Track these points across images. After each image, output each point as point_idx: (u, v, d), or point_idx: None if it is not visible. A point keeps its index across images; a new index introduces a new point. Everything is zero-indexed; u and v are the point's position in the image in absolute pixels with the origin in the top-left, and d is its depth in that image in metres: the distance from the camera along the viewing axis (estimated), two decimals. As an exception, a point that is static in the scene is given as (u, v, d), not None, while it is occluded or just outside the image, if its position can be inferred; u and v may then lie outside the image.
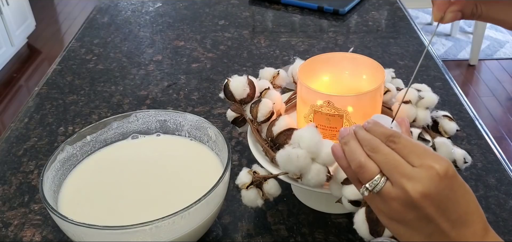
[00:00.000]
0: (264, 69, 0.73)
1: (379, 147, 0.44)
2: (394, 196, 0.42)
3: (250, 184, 0.59)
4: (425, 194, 0.41)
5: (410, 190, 0.41)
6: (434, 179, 0.41)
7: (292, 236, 0.64)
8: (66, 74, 1.04)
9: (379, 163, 0.43)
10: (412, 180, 0.41)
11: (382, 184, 0.43)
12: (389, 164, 0.43)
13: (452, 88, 0.95)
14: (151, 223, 0.50)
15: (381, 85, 0.62)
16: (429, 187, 0.41)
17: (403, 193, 0.42)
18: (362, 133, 0.45)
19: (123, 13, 1.32)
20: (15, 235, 0.65)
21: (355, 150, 0.45)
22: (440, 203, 0.41)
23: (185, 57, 1.09)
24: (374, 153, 0.44)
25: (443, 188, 0.41)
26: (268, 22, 1.26)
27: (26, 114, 0.91)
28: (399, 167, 0.42)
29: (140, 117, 0.70)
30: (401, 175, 0.42)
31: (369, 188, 0.44)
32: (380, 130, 0.45)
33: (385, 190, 0.43)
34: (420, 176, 0.41)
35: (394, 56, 1.07)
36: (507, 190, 0.70)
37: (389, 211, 0.44)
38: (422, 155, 0.42)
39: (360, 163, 0.44)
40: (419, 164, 0.42)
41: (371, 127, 0.46)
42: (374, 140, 0.44)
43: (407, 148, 0.43)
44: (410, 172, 0.41)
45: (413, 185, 0.41)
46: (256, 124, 0.65)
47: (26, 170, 0.77)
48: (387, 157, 0.43)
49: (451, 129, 0.64)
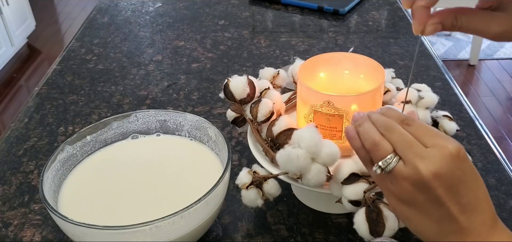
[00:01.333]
0: (264, 69, 0.73)
1: (394, 127, 0.44)
2: (406, 176, 0.42)
3: (250, 184, 0.59)
4: (437, 173, 0.41)
5: (422, 169, 0.41)
6: (446, 158, 0.41)
7: (292, 236, 0.64)
8: (66, 74, 1.04)
9: (393, 142, 0.44)
10: (425, 159, 0.41)
11: (395, 163, 0.43)
12: (403, 143, 0.43)
13: (452, 88, 0.95)
14: (151, 223, 0.50)
15: (381, 85, 0.62)
16: (441, 166, 0.41)
17: (415, 173, 0.42)
18: (376, 115, 0.46)
19: (123, 13, 1.32)
20: (15, 235, 0.65)
21: (370, 129, 0.45)
22: (451, 184, 0.41)
23: (185, 57, 1.09)
24: (388, 133, 0.44)
25: (455, 168, 0.41)
26: (268, 22, 1.26)
27: (26, 114, 0.91)
28: (413, 146, 0.42)
29: (140, 117, 0.70)
30: (414, 155, 0.42)
31: (382, 167, 0.44)
32: (394, 114, 0.45)
33: (398, 169, 0.43)
34: (432, 156, 0.41)
35: (394, 56, 1.07)
36: (507, 190, 0.70)
37: (400, 191, 0.44)
38: (435, 136, 0.42)
39: (374, 141, 0.44)
40: (432, 144, 0.42)
41: (385, 111, 0.46)
42: (388, 121, 0.45)
43: (421, 129, 0.43)
44: (423, 151, 0.42)
45: (425, 164, 0.41)
46: (256, 124, 0.65)
47: (26, 170, 0.77)
48: (402, 136, 0.43)
49: (451, 129, 0.64)
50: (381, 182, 0.46)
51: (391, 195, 0.45)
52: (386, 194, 0.46)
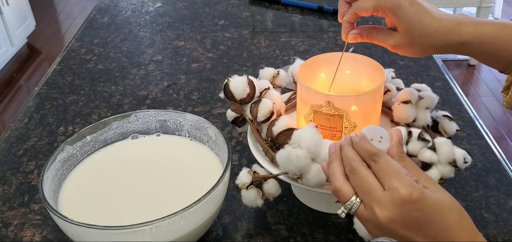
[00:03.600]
0: (264, 69, 0.73)
1: (357, 169, 0.46)
2: (367, 218, 0.45)
3: (250, 184, 0.59)
4: (391, 218, 0.43)
5: (378, 215, 0.43)
6: (398, 203, 0.43)
7: (292, 236, 0.64)
8: (66, 74, 1.04)
9: (355, 185, 0.46)
10: (380, 204, 0.43)
11: (356, 206, 0.46)
12: (363, 187, 0.45)
13: (452, 88, 0.95)
14: (151, 223, 0.50)
15: (381, 85, 0.62)
16: (394, 211, 0.43)
17: (373, 217, 0.44)
18: (347, 150, 0.48)
19: (123, 13, 1.32)
20: (15, 235, 0.65)
21: (334, 172, 0.48)
22: (410, 225, 0.43)
23: (185, 57, 1.09)
24: (352, 174, 0.47)
25: (410, 211, 0.42)
26: (268, 22, 1.26)
27: (26, 114, 0.91)
28: (371, 191, 0.44)
29: (140, 117, 0.70)
30: (372, 199, 0.44)
31: (345, 210, 0.47)
32: (365, 147, 0.47)
33: (359, 212, 0.46)
34: (386, 201, 0.43)
35: (394, 56, 1.07)
36: (507, 190, 0.70)
37: (368, 230, 0.46)
38: (392, 177, 0.44)
39: (335, 187, 0.47)
40: (387, 187, 0.44)
41: (357, 141, 0.48)
42: (354, 161, 0.47)
43: (383, 169, 0.45)
44: (379, 196, 0.44)
45: (380, 210, 0.43)
46: (256, 124, 0.65)
47: (26, 170, 0.77)
48: (362, 180, 0.45)
49: (451, 129, 0.64)
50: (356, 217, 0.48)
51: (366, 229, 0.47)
52: None
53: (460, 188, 0.71)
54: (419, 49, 0.58)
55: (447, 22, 0.57)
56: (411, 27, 0.57)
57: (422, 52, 0.59)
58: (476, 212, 0.67)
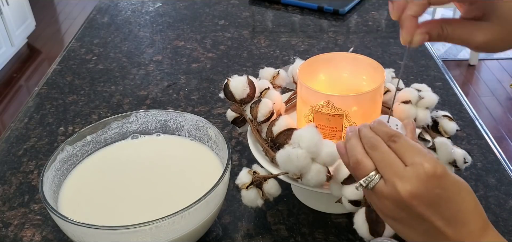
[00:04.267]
0: (264, 69, 0.73)
1: (378, 145, 0.45)
2: (386, 194, 0.43)
3: (250, 184, 0.59)
4: (414, 193, 0.42)
5: (400, 189, 0.42)
6: (422, 177, 0.41)
7: (292, 236, 0.64)
8: (66, 74, 1.04)
9: (376, 160, 0.45)
10: (402, 179, 0.42)
11: (376, 181, 0.44)
12: (384, 162, 0.44)
13: (452, 88, 0.95)
14: (151, 223, 0.50)
15: (381, 85, 0.62)
16: (418, 186, 0.41)
17: (394, 192, 0.42)
18: (365, 130, 0.47)
19: (123, 13, 1.32)
20: (15, 235, 0.65)
21: (355, 146, 0.46)
22: (431, 202, 0.42)
23: (185, 57, 1.09)
24: (372, 151, 0.45)
25: (433, 187, 0.41)
26: (268, 22, 1.26)
27: (26, 114, 0.91)
28: (393, 166, 0.43)
29: (140, 117, 0.70)
30: (393, 174, 0.43)
31: (363, 184, 0.45)
32: (383, 129, 0.46)
33: (378, 188, 0.44)
34: (409, 176, 0.42)
35: (394, 56, 1.07)
36: (507, 190, 0.70)
37: (383, 208, 0.45)
38: (415, 154, 0.43)
39: (357, 159, 0.45)
40: (410, 163, 0.42)
41: (375, 125, 0.47)
42: (374, 138, 0.45)
43: (404, 147, 0.44)
44: (402, 171, 0.42)
45: (402, 184, 0.42)
46: (256, 124, 0.65)
47: (26, 170, 0.77)
48: (384, 155, 0.44)
49: (451, 129, 0.64)
50: (368, 197, 0.47)
51: (378, 210, 0.46)
52: (375, 208, 0.47)
53: (460, 188, 0.71)
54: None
55: None
56: None
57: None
58: (476, 212, 0.67)
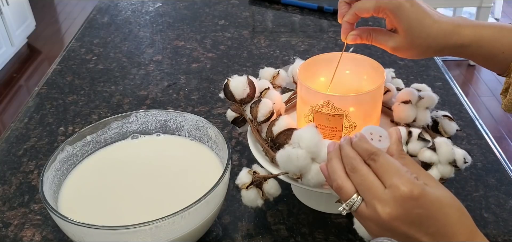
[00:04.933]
0: (264, 69, 0.73)
1: (358, 167, 0.46)
2: (368, 216, 0.45)
3: (250, 184, 0.59)
4: (393, 216, 0.43)
5: (380, 212, 0.43)
6: (399, 200, 0.43)
7: (292, 236, 0.64)
8: (66, 74, 1.04)
9: (356, 184, 0.46)
10: (382, 202, 0.43)
11: (357, 204, 0.46)
12: (363, 185, 0.45)
13: (452, 88, 0.95)
14: (151, 223, 0.50)
15: (381, 85, 0.62)
16: (396, 209, 0.43)
17: (375, 214, 0.44)
18: (346, 149, 0.48)
19: (123, 13, 1.32)
20: (15, 235, 0.65)
21: (336, 170, 0.48)
22: (412, 221, 0.43)
23: (185, 57, 1.09)
24: (352, 173, 0.47)
25: (411, 207, 0.43)
26: (268, 22, 1.26)
27: (26, 114, 0.91)
28: (372, 189, 0.45)
29: (140, 117, 0.70)
30: (373, 197, 0.44)
31: (346, 208, 0.46)
32: (363, 147, 0.47)
33: (360, 210, 0.46)
34: (387, 198, 0.43)
35: (394, 56, 1.07)
36: (507, 190, 0.70)
37: (368, 228, 0.46)
38: (393, 175, 0.44)
39: (337, 185, 0.47)
40: (388, 185, 0.44)
41: (356, 141, 0.48)
42: (354, 160, 0.47)
43: (383, 167, 0.45)
44: (381, 194, 0.44)
45: (382, 207, 0.43)
46: (256, 124, 0.65)
47: (26, 170, 0.77)
48: (363, 178, 0.45)
49: (451, 129, 0.64)
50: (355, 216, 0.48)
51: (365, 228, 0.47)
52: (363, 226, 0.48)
53: (460, 188, 0.71)
54: (419, 51, 0.59)
55: (447, 24, 0.57)
56: (411, 29, 0.57)
57: (421, 54, 0.59)
58: (476, 212, 0.67)
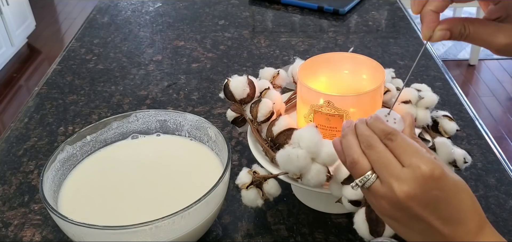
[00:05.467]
0: (264, 69, 0.73)
1: (374, 144, 0.44)
2: (382, 194, 0.43)
3: (250, 184, 0.59)
4: (410, 195, 0.41)
5: (396, 190, 0.42)
6: (419, 180, 0.41)
7: (292, 236, 0.64)
8: (66, 74, 1.04)
9: (372, 160, 0.44)
10: (399, 180, 0.42)
11: (372, 181, 0.44)
12: (380, 162, 0.43)
13: (452, 88, 0.95)
14: (151, 223, 0.50)
15: (381, 85, 0.62)
16: (414, 188, 0.41)
17: (390, 193, 0.42)
18: (362, 128, 0.46)
19: (123, 13, 1.32)
20: (15, 235, 0.65)
21: (351, 145, 0.45)
22: (428, 202, 0.42)
23: (185, 57, 1.09)
24: (368, 150, 0.44)
25: (430, 188, 0.41)
26: (268, 22, 1.26)
27: (26, 114, 0.91)
28: (389, 166, 0.43)
29: (140, 117, 0.70)
30: (390, 174, 0.42)
31: (359, 184, 0.44)
32: (380, 127, 0.45)
33: (374, 188, 0.44)
34: (406, 177, 0.42)
35: (394, 56, 1.07)
36: (507, 190, 0.70)
37: (380, 208, 0.44)
38: (413, 155, 0.42)
39: (353, 159, 0.45)
40: (408, 164, 0.42)
41: (372, 122, 0.46)
42: (371, 137, 0.45)
43: (401, 147, 0.43)
44: (398, 172, 0.42)
45: (399, 185, 0.42)
46: (256, 124, 0.65)
47: (26, 170, 0.77)
48: (380, 155, 0.43)
49: (451, 129, 0.64)
50: (366, 196, 0.47)
51: (375, 209, 0.46)
52: (372, 207, 0.47)
53: (460, 188, 0.70)
54: None
55: None
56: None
57: None
58: (476, 212, 0.67)
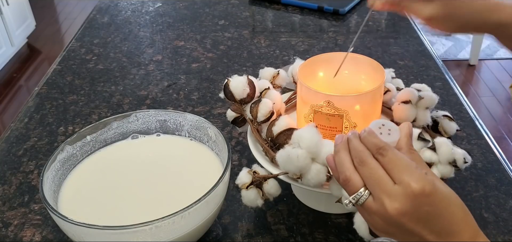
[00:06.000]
0: (264, 69, 0.73)
1: (367, 160, 0.45)
2: (375, 211, 0.44)
3: (250, 184, 0.59)
4: (402, 212, 0.42)
5: (388, 207, 0.42)
6: (410, 197, 0.42)
7: (292, 236, 0.64)
8: (66, 74, 1.04)
9: (364, 177, 0.45)
10: (390, 197, 0.43)
11: (365, 198, 0.45)
12: (372, 179, 0.44)
13: (452, 88, 0.95)
14: (151, 223, 0.50)
15: (381, 85, 0.62)
16: (405, 205, 0.42)
17: (382, 209, 0.43)
18: (355, 143, 0.47)
19: (123, 13, 1.32)
20: (15, 235, 0.65)
21: (344, 162, 0.47)
22: (420, 218, 0.42)
23: (185, 57, 1.09)
24: (361, 166, 0.45)
25: (421, 204, 0.42)
26: (268, 22, 1.26)
27: (26, 114, 0.91)
28: (381, 183, 0.44)
29: (140, 117, 0.70)
30: (382, 191, 0.43)
31: (353, 201, 0.45)
32: (372, 141, 0.46)
33: (367, 204, 0.45)
34: (397, 194, 0.42)
35: (394, 56, 1.07)
36: (507, 190, 0.70)
37: (374, 223, 0.45)
38: (403, 171, 0.43)
39: (346, 176, 0.46)
40: (398, 181, 0.43)
41: (365, 136, 0.47)
42: (363, 153, 0.46)
43: (392, 162, 0.44)
44: (390, 189, 0.43)
45: (390, 202, 0.42)
46: (256, 124, 0.65)
47: (26, 170, 0.77)
48: (372, 171, 0.44)
49: (451, 129, 0.64)
50: (359, 212, 0.47)
51: (369, 224, 0.47)
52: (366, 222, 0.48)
53: (460, 188, 0.71)
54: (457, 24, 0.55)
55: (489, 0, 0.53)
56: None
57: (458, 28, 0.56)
58: (476, 212, 0.67)
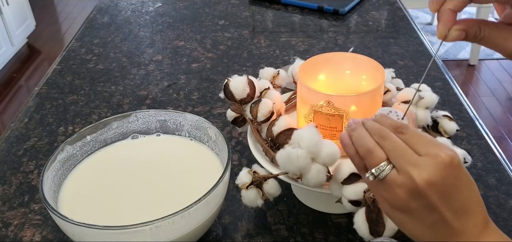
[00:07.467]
0: (264, 69, 0.73)
1: (388, 135, 0.44)
2: (400, 183, 0.43)
3: (250, 184, 0.59)
4: (430, 181, 0.41)
5: (416, 177, 0.41)
6: (440, 166, 0.41)
7: (292, 236, 0.64)
8: (66, 74, 1.04)
9: (387, 150, 0.44)
10: (418, 167, 0.42)
11: (388, 171, 0.43)
12: (396, 151, 0.43)
13: (452, 88, 0.95)
14: (151, 223, 0.50)
15: (381, 85, 0.62)
16: (435, 174, 0.41)
17: (409, 180, 0.42)
18: (370, 122, 0.46)
19: (123, 13, 1.32)
20: (15, 235, 0.65)
21: (364, 136, 0.45)
22: (444, 191, 0.42)
23: (185, 57, 1.09)
24: (382, 140, 0.44)
25: (448, 176, 0.41)
26: (268, 22, 1.26)
27: (26, 114, 0.91)
28: (406, 154, 0.43)
29: (140, 117, 0.70)
30: (408, 163, 0.42)
31: (375, 174, 0.44)
32: (388, 122, 0.45)
33: (390, 177, 0.43)
34: (426, 164, 0.41)
35: (394, 56, 1.07)
36: (507, 190, 0.70)
37: (393, 199, 0.44)
38: (428, 144, 0.42)
39: (368, 148, 0.44)
40: (425, 153, 0.42)
41: (379, 118, 0.46)
42: (382, 129, 0.45)
43: (414, 137, 0.43)
44: (417, 160, 0.42)
45: (419, 172, 0.41)
46: (256, 124, 0.65)
47: (26, 170, 0.77)
48: (395, 144, 0.43)
49: (451, 129, 0.64)
50: (374, 188, 0.46)
51: (385, 201, 0.45)
52: (380, 200, 0.47)
53: (460, 188, 0.70)
54: None
55: None
56: None
57: None
58: (476, 212, 0.66)
